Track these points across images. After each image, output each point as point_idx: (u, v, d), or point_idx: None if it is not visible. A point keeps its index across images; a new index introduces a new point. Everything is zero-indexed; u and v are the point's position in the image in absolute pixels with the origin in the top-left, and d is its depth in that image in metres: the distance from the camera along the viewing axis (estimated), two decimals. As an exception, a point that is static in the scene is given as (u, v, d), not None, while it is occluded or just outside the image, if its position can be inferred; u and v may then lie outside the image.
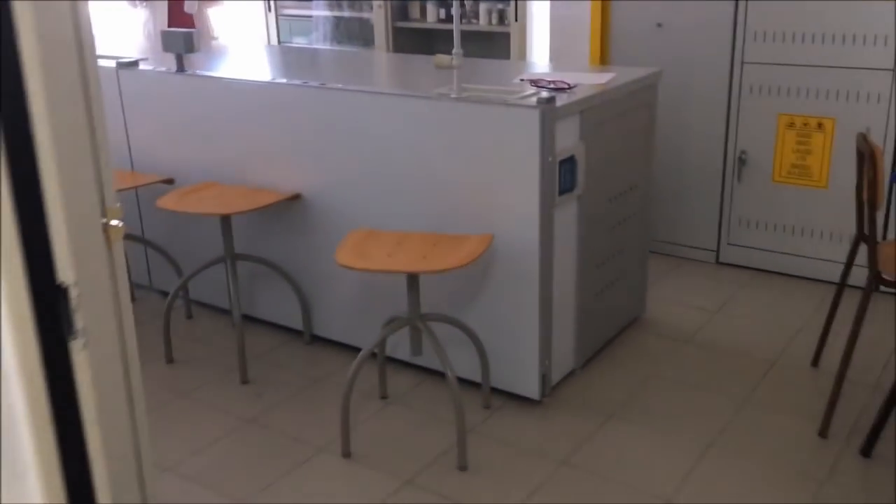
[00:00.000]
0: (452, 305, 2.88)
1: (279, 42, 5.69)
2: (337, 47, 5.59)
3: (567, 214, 2.79)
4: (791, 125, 3.64)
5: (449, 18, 4.90)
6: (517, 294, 2.75)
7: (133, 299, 3.79)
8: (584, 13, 4.09)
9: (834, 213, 3.62)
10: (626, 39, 4.00)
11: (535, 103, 2.56)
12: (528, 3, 4.51)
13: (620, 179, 3.08)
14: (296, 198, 3.14)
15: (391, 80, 3.55)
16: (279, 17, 5.71)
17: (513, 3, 4.53)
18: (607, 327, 3.23)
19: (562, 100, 2.65)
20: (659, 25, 3.88)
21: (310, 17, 5.65)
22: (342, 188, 3.03)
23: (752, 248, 3.87)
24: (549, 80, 2.93)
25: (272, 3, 5.58)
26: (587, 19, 4.08)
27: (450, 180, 2.76)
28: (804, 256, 3.74)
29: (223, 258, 3.15)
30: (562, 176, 2.68)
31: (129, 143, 3.59)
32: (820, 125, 3.57)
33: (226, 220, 3.08)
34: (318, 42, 5.71)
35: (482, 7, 4.71)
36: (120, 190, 3.33)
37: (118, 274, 1.96)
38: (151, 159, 3.54)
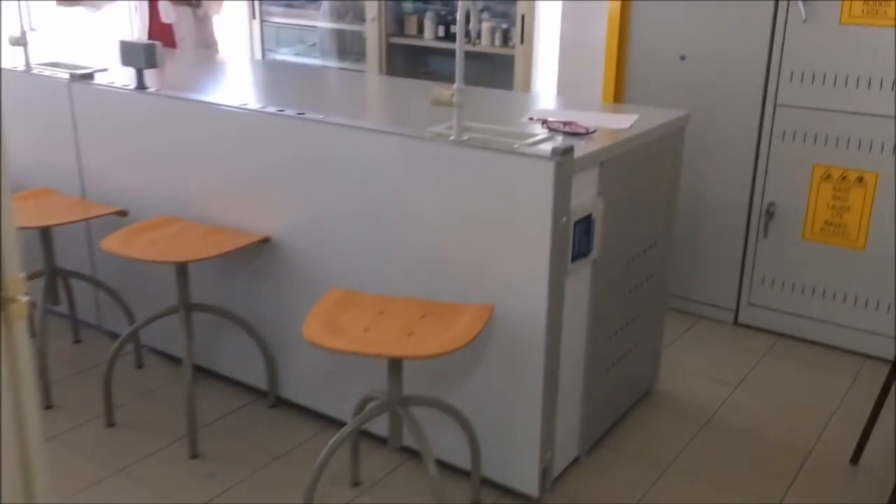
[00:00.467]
0: (440, 383, 2.46)
1: (263, 51, 5.27)
2: (326, 61, 5.18)
3: (579, 281, 2.39)
4: (827, 177, 3.25)
5: (448, 36, 4.50)
6: (518, 374, 2.33)
7: (78, 341, 3.36)
8: (598, 38, 3.70)
9: (871, 279, 3.23)
10: (644, 71, 3.60)
11: (549, 153, 2.15)
12: (535, 23, 4.11)
13: (640, 238, 2.68)
14: (265, 241, 2.72)
15: (381, 111, 3.13)
16: (264, 25, 5.29)
17: (519, 24, 4.13)
18: (617, 405, 2.82)
19: (580, 148, 2.25)
20: (682, 58, 3.48)
21: (298, 25, 5.24)
22: (319, 235, 2.61)
23: (776, 310, 3.47)
24: (563, 121, 2.53)
25: (256, 9, 5.16)
26: (601, 46, 3.69)
27: (444, 236, 2.35)
28: (835, 324, 3.35)
29: (177, 308, 2.72)
30: (576, 239, 2.27)
31: (80, 166, 3.16)
32: (860, 179, 3.18)
33: (182, 266, 2.65)
34: (306, 53, 5.30)
35: (485, 26, 4.31)
36: (67, 223, 2.92)
37: (19, 364, 1.54)
38: (106, 186, 3.11)
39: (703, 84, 3.44)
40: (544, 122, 2.54)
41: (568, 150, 2.16)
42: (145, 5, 4.55)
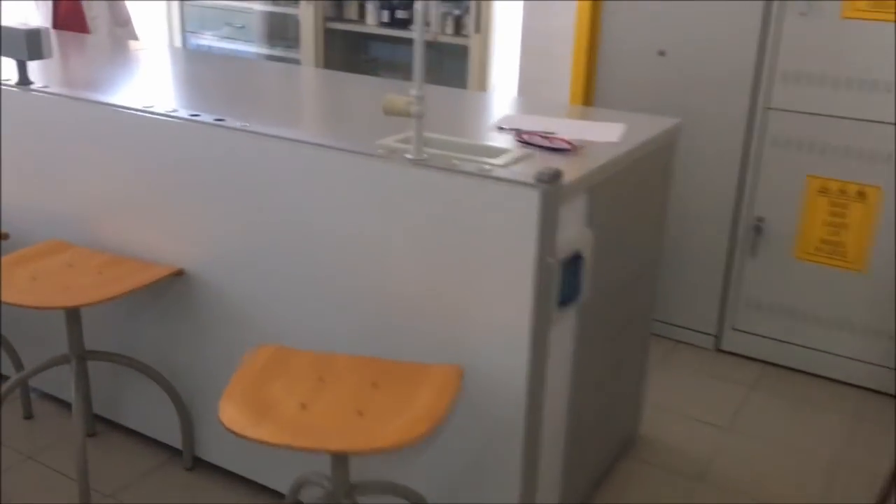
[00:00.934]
0: (395, 459, 2.02)
1: (184, 36, 4.71)
2: (255, 47, 4.65)
3: (563, 330, 1.97)
4: (824, 191, 2.90)
5: (394, 23, 4.02)
6: (491, 445, 1.91)
7: (-45, 384, 2.80)
8: (564, 28, 3.27)
9: (871, 304, 2.90)
10: (617, 67, 3.19)
11: (532, 179, 1.72)
12: (493, 9, 3.66)
13: (628, 270, 2.28)
14: (177, 274, 2.23)
15: (319, 115, 2.64)
16: (185, 4, 4.72)
17: (474, 10, 3.68)
18: (599, 463, 2.42)
19: (566, 170, 1.82)
20: (661, 53, 3.08)
21: (222, 8, 4.69)
22: (244, 269, 2.13)
23: (763, 336, 3.12)
24: (540, 133, 2.10)
25: (176, -13, 4.59)
26: (569, 37, 3.27)
27: (400, 277, 1.90)
28: (830, 353, 3.01)
29: (67, 357, 2.22)
30: (564, 281, 1.85)
31: (-49, 175, 2.60)
32: (861, 194, 2.84)
33: (72, 311, 2.15)
34: (234, 37, 4.75)
35: (435, 12, 3.84)
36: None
37: None
38: (-18, 200, 2.57)
39: (683, 84, 3.05)
40: (518, 134, 2.11)
41: (556, 176, 1.73)
42: None
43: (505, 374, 1.83)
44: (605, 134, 2.18)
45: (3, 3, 4.24)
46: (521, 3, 3.45)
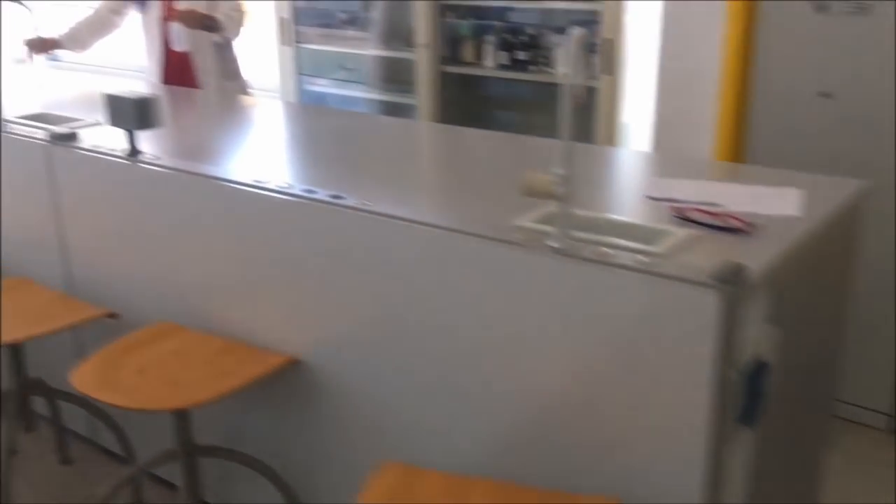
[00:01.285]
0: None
1: (298, 79, 4.60)
2: (370, 92, 4.49)
3: (739, 449, 1.65)
4: None
5: (515, 66, 3.77)
6: (653, 586, 1.60)
7: (66, 461, 2.71)
8: (708, 68, 2.94)
9: None
10: (772, 112, 2.83)
11: (708, 279, 1.42)
12: (624, 47, 3.36)
13: (812, 364, 1.93)
14: (293, 363, 2.03)
15: (445, 186, 2.33)
16: (300, 48, 4.61)
17: (603, 49, 3.38)
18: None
19: (747, 259, 1.50)
20: (825, 95, 2.71)
21: (336, 52, 4.56)
22: (363, 362, 1.91)
23: (953, 418, 2.69)
24: (702, 207, 1.79)
25: (290, 33, 4.49)
26: (713, 78, 2.93)
27: (544, 384, 1.63)
28: None
29: (175, 454, 2.05)
30: (745, 395, 1.53)
31: (64, 253, 2.51)
32: None
33: (180, 411, 1.98)
34: (348, 79, 4.61)
35: (559, 51, 3.58)
36: (44, 334, 2.24)
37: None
38: (94, 275, 2.46)
39: (851, 130, 2.67)
40: (675, 206, 1.81)
41: (738, 272, 1.42)
42: (154, 29, 3.83)
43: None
44: (781, 204, 1.85)
45: (125, 52, 4.20)
46: (659, 39, 3.14)
